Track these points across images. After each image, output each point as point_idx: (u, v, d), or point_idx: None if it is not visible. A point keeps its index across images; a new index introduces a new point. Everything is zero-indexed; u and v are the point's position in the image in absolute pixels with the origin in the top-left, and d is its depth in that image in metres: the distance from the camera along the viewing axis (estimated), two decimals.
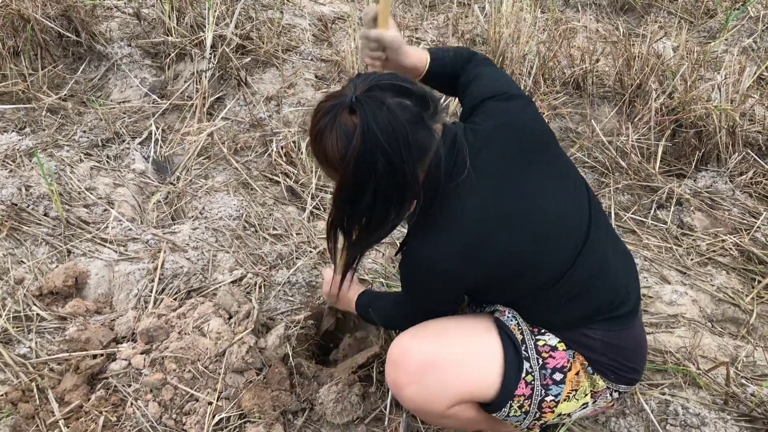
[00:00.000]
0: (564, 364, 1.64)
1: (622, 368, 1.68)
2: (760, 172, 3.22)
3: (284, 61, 3.83)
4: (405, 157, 1.42)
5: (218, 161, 3.20)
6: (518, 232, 1.53)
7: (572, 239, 1.60)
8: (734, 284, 2.69)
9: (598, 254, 1.64)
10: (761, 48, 4.27)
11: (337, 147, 1.43)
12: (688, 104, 3.27)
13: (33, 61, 3.54)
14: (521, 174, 1.57)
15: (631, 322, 1.69)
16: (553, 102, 3.62)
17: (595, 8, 4.81)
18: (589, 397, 1.69)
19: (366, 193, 1.44)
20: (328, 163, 1.48)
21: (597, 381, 1.68)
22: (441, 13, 4.57)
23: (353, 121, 1.41)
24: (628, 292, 1.70)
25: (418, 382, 1.62)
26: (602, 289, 1.65)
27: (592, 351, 1.65)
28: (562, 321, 1.65)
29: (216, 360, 2.13)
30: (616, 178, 3.24)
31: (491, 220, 1.52)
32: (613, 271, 1.68)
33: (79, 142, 3.16)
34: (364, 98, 1.42)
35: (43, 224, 2.65)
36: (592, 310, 1.64)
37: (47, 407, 2.02)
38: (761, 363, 2.30)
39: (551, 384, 1.63)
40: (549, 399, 1.64)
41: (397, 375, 1.66)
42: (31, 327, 2.28)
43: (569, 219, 1.60)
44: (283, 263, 2.63)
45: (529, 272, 1.59)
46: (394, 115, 1.40)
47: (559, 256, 1.59)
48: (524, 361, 1.63)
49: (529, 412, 1.65)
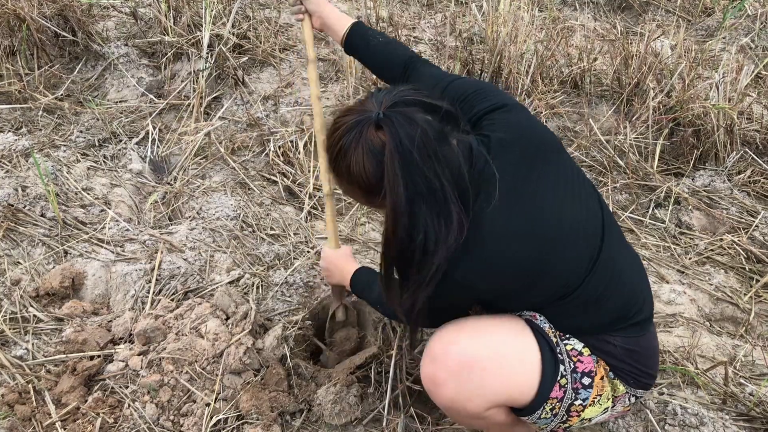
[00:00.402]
0: (591, 369, 1.63)
1: (641, 374, 1.68)
2: (758, 171, 3.22)
3: (281, 61, 3.83)
4: (439, 173, 1.39)
5: (215, 161, 3.19)
6: (536, 243, 1.50)
7: (588, 247, 1.58)
8: (732, 283, 2.69)
9: (613, 261, 1.62)
10: (759, 46, 4.27)
11: (363, 164, 1.40)
12: (686, 103, 3.26)
13: (29, 60, 3.53)
14: (535, 184, 1.54)
15: (648, 329, 1.69)
16: (551, 101, 3.62)
17: (592, 7, 4.80)
18: (610, 402, 1.69)
19: (419, 215, 1.40)
20: (350, 180, 1.45)
21: (618, 386, 1.68)
22: (438, 11, 4.56)
23: (380, 138, 1.38)
24: (644, 298, 1.69)
25: (458, 380, 1.57)
26: (619, 296, 1.63)
27: (613, 357, 1.64)
28: (582, 328, 1.65)
29: (213, 361, 2.13)
30: (614, 177, 3.23)
31: (509, 234, 1.49)
32: (627, 277, 1.67)
33: (76, 142, 3.15)
34: (392, 113, 1.39)
35: (40, 225, 2.64)
36: (611, 317, 1.63)
37: (44, 409, 2.02)
38: (759, 362, 2.30)
39: (581, 388, 1.62)
40: (578, 403, 1.63)
41: (436, 371, 1.60)
42: (27, 328, 2.27)
43: (584, 227, 1.58)
44: (280, 263, 2.62)
45: (547, 282, 1.56)
46: (423, 130, 1.37)
47: (576, 264, 1.57)
48: (560, 364, 1.61)
49: (557, 414, 1.63)
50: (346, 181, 1.48)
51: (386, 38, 2.02)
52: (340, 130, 1.44)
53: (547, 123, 3.53)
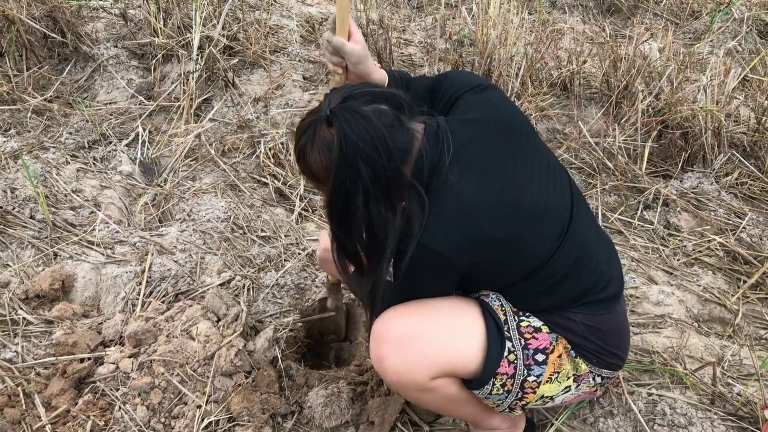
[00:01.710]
0: (546, 346, 1.67)
1: (604, 352, 1.71)
2: (745, 173, 3.25)
3: (272, 63, 3.83)
4: (386, 161, 1.45)
5: (206, 163, 3.19)
6: (507, 218, 1.56)
7: (556, 224, 1.64)
8: (720, 284, 2.71)
9: (580, 239, 1.68)
10: (745, 50, 4.31)
11: (320, 160, 1.48)
12: (674, 105, 3.29)
13: (18, 62, 3.51)
14: (506, 162, 1.60)
15: (612, 307, 1.73)
16: (541, 103, 3.63)
17: (581, 10, 4.83)
18: (572, 380, 1.72)
19: (356, 203, 1.47)
20: (315, 178, 1.53)
21: (580, 364, 1.71)
22: (429, 14, 4.58)
23: (331, 133, 1.46)
24: (611, 277, 1.74)
25: (400, 352, 1.64)
26: (585, 274, 1.68)
27: (574, 334, 1.68)
28: (547, 305, 1.69)
29: (204, 363, 2.13)
30: (603, 179, 3.25)
31: (481, 207, 1.54)
32: (595, 256, 1.72)
33: (65, 143, 3.14)
34: (339, 109, 1.46)
35: (29, 227, 2.62)
36: (576, 293, 1.68)
37: (34, 412, 2.01)
38: (747, 363, 2.32)
39: (533, 364, 1.66)
40: (531, 379, 1.67)
41: (379, 348, 1.67)
42: (17, 331, 2.26)
43: (553, 205, 1.64)
44: (271, 265, 2.62)
45: (517, 258, 1.62)
46: (369, 121, 1.44)
47: (545, 241, 1.62)
48: (506, 340, 1.66)
49: (511, 391, 1.67)
50: (313, 179, 1.56)
51: (420, 78, 2.03)
52: (298, 133, 1.54)
53: (536, 125, 3.55)
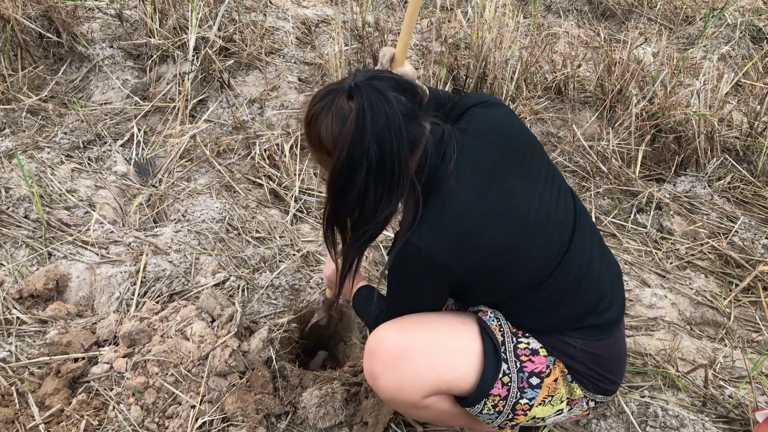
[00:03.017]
0: (542, 370, 1.65)
1: (601, 378, 1.68)
2: (737, 177, 3.28)
3: (267, 64, 3.83)
4: (396, 147, 1.45)
5: (201, 164, 3.19)
6: (504, 228, 1.55)
7: (557, 240, 1.61)
8: (712, 287, 2.73)
9: (582, 258, 1.65)
10: (738, 55, 4.34)
11: (331, 129, 1.46)
12: (667, 110, 3.31)
13: (13, 61, 3.51)
14: (506, 173, 1.59)
15: (612, 333, 1.69)
16: (535, 107, 3.65)
17: (576, 14, 4.85)
18: (565, 404, 1.70)
19: (358, 178, 1.46)
20: (320, 147, 1.50)
21: (575, 389, 1.69)
22: (424, 17, 4.59)
23: (350, 105, 1.44)
24: (612, 300, 1.70)
25: (393, 371, 1.63)
26: (586, 294, 1.65)
27: (573, 359, 1.65)
28: (546, 324, 1.66)
29: (199, 363, 2.13)
30: (597, 182, 3.27)
31: (477, 215, 1.53)
32: (598, 278, 1.68)
33: (60, 143, 3.13)
34: (364, 85, 1.45)
35: (24, 226, 2.62)
36: (576, 315, 1.65)
37: (27, 411, 2.00)
38: (739, 365, 2.34)
39: (527, 387, 1.64)
40: (523, 402, 1.65)
41: (372, 364, 1.66)
42: (11, 330, 2.25)
43: (554, 220, 1.62)
44: (266, 266, 2.62)
45: (514, 270, 1.59)
46: (389, 103, 1.44)
47: (545, 255, 1.60)
48: (502, 362, 1.64)
49: (502, 412, 1.66)
50: (317, 149, 1.52)
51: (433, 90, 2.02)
52: (315, 99, 1.51)
53: (531, 128, 3.56)
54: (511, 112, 1.77)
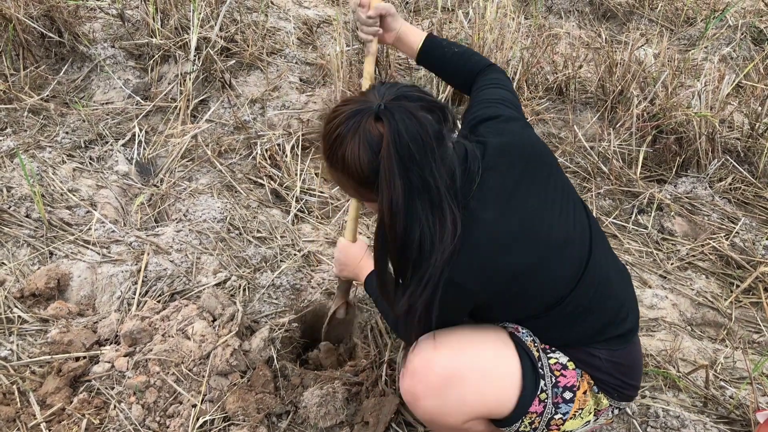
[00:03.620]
0: (574, 383, 1.63)
1: (625, 386, 1.68)
2: (738, 178, 3.28)
3: (269, 64, 3.83)
4: (435, 169, 1.38)
5: (202, 164, 3.19)
6: (527, 251, 1.51)
7: (576, 257, 1.59)
8: (713, 288, 2.73)
9: (600, 272, 1.63)
10: (739, 56, 4.34)
11: (358, 155, 1.39)
12: (668, 111, 3.31)
13: (15, 61, 3.51)
14: (526, 194, 1.55)
15: (631, 340, 1.70)
16: (536, 107, 3.65)
17: (577, 15, 4.86)
18: (592, 415, 1.69)
19: (416, 208, 1.38)
20: (344, 170, 1.44)
21: (601, 399, 1.68)
22: (425, 18, 4.59)
23: (379, 129, 1.37)
24: (629, 309, 1.70)
25: (438, 396, 1.57)
26: (605, 308, 1.64)
27: (599, 370, 1.65)
28: (569, 339, 1.65)
29: (200, 362, 2.13)
30: (598, 183, 3.27)
31: (501, 240, 1.48)
32: (615, 289, 1.68)
33: (62, 143, 3.14)
34: (394, 107, 1.38)
35: (25, 226, 2.62)
36: (596, 328, 1.64)
37: (28, 410, 2.00)
38: (739, 366, 2.34)
39: (561, 402, 1.62)
40: (557, 417, 1.63)
41: (415, 386, 1.60)
42: (12, 329, 2.25)
43: (573, 237, 1.59)
44: (267, 266, 2.62)
45: (537, 290, 1.56)
46: (423, 127, 1.37)
47: (565, 273, 1.57)
48: (540, 378, 1.61)
49: (537, 428, 1.64)
50: (340, 171, 1.46)
51: (461, 48, 2.01)
52: (338, 118, 1.43)
53: None
54: (526, 124, 1.74)
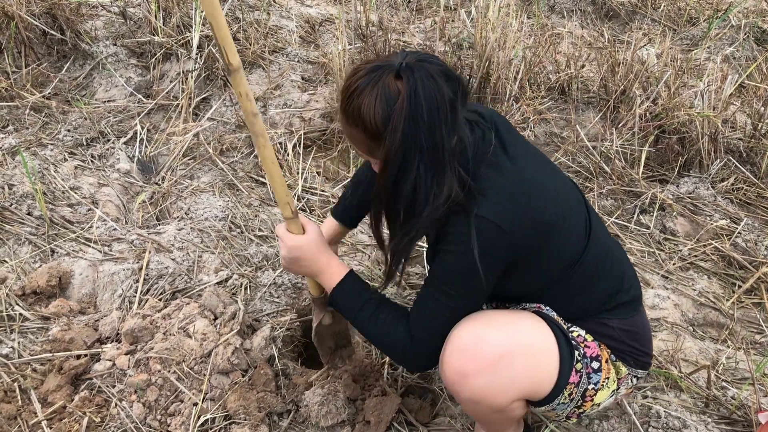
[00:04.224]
0: (598, 353, 1.68)
1: (638, 353, 1.73)
2: (741, 179, 3.27)
3: (271, 63, 3.83)
4: (445, 132, 1.42)
5: (204, 162, 3.19)
6: (547, 198, 1.55)
7: (581, 219, 1.65)
8: (715, 289, 2.72)
9: (600, 239, 1.70)
10: (742, 56, 4.34)
11: (374, 108, 1.41)
12: (671, 110, 3.31)
13: (16, 58, 3.51)
14: (528, 155, 1.63)
15: (639, 307, 1.76)
16: (539, 107, 3.65)
17: (580, 14, 4.85)
18: (615, 385, 1.73)
19: (413, 164, 1.43)
20: (356, 122, 1.46)
21: (620, 367, 1.73)
22: (428, 17, 4.59)
23: (397, 86, 1.40)
24: (631, 277, 1.77)
25: (491, 372, 1.52)
26: (610, 275, 1.71)
27: (613, 339, 1.70)
28: (581, 309, 1.70)
29: (201, 361, 2.13)
30: (600, 182, 3.27)
31: (524, 184, 1.53)
32: (615, 257, 1.75)
33: (63, 141, 3.14)
34: (415, 66, 1.41)
35: (27, 223, 2.62)
36: (605, 296, 1.70)
37: (30, 408, 2.00)
38: (741, 367, 2.33)
39: (592, 372, 1.66)
40: (590, 387, 1.66)
41: (464, 363, 1.54)
42: (13, 327, 2.25)
43: (575, 204, 1.66)
44: (268, 265, 2.62)
45: (557, 247, 1.59)
46: (440, 88, 1.40)
47: (576, 234, 1.63)
48: (574, 349, 1.64)
49: (574, 399, 1.65)
50: (353, 123, 1.47)
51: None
52: (360, 72, 1.46)
53: (534, 128, 3.57)
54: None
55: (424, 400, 2.16)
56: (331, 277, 1.75)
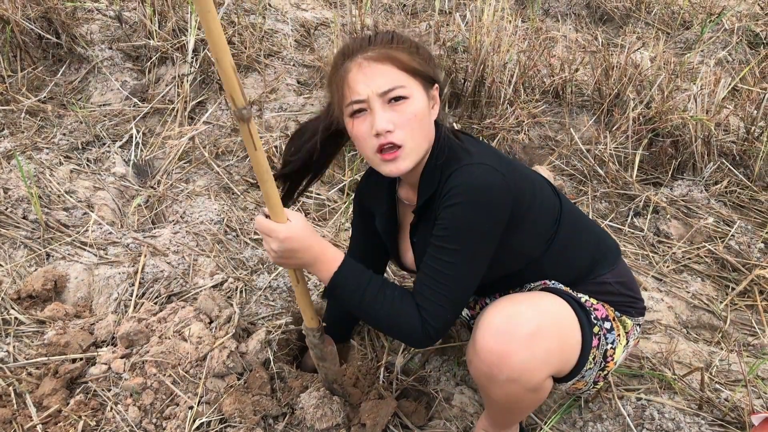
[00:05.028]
0: (606, 314, 1.73)
1: (634, 300, 1.82)
2: (734, 182, 3.29)
3: (266, 66, 3.84)
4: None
5: (199, 165, 3.20)
6: (522, 169, 1.72)
7: (551, 193, 1.78)
8: (709, 291, 2.74)
9: (568, 206, 1.80)
10: (735, 60, 4.36)
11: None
12: (664, 114, 3.33)
13: (12, 62, 3.51)
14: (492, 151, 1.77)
15: (620, 255, 1.87)
16: (533, 110, 3.66)
17: (574, 18, 4.87)
18: (625, 339, 1.78)
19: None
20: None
21: (625, 321, 1.79)
22: (423, 20, 4.61)
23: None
24: (603, 230, 1.92)
25: (528, 348, 1.52)
26: (587, 224, 1.84)
27: (613, 294, 1.77)
28: (579, 266, 1.77)
29: (197, 364, 2.13)
30: (594, 186, 3.28)
31: (501, 156, 1.68)
32: (586, 220, 1.86)
33: (59, 144, 3.14)
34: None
35: (22, 227, 2.62)
36: (593, 244, 1.80)
37: (25, 412, 2.00)
38: (735, 369, 2.34)
39: (607, 332, 1.71)
40: (608, 347, 1.71)
41: (501, 343, 1.52)
42: (8, 331, 2.25)
43: (543, 182, 1.80)
44: (264, 268, 2.63)
45: (543, 203, 1.70)
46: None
47: (548, 192, 1.75)
48: (590, 314, 1.68)
49: (597, 362, 1.69)
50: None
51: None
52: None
53: (528, 132, 3.58)
54: None
55: (420, 403, 2.17)
56: (329, 263, 1.61)
